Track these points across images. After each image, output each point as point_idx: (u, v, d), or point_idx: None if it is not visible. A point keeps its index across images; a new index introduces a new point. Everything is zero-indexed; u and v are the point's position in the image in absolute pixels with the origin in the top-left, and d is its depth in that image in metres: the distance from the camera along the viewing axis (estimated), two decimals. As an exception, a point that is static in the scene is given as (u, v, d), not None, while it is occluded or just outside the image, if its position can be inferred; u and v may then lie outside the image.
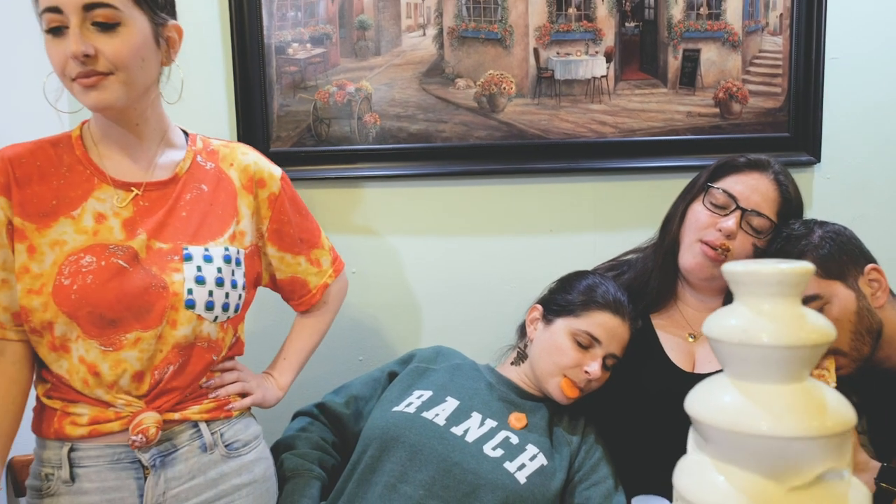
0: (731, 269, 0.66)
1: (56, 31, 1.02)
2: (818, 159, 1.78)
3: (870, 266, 1.22)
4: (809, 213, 1.77)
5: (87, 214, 1.09)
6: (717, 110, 1.77)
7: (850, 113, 1.78)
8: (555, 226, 1.81)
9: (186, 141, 1.22)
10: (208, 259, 1.12)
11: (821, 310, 1.19)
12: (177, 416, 1.12)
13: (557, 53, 1.76)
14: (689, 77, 1.77)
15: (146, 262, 1.09)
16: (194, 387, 1.14)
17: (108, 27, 1.02)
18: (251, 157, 1.25)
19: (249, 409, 1.25)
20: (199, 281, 1.10)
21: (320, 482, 1.30)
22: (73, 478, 1.08)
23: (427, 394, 1.35)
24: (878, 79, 1.77)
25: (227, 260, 1.14)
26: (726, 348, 0.65)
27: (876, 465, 1.15)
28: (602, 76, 1.76)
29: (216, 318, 1.13)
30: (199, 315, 1.10)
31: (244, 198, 1.21)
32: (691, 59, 1.77)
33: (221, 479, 1.15)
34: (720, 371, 0.69)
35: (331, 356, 1.75)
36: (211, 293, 1.11)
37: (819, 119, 1.77)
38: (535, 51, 1.75)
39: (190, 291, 1.09)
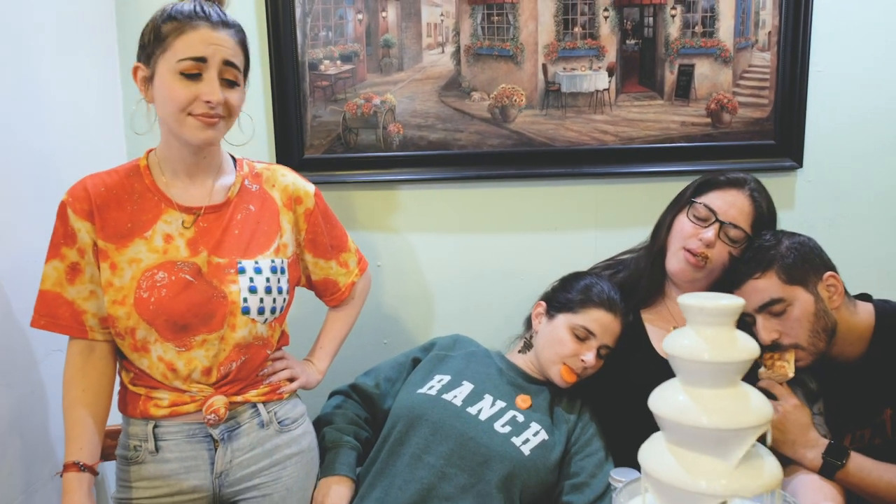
0: (684, 301, 0.86)
1: (192, 77, 1.21)
2: (801, 164, 1.93)
3: (828, 273, 1.40)
4: (793, 214, 1.96)
5: (157, 235, 1.28)
6: (708, 120, 1.93)
7: (831, 122, 1.92)
8: (559, 225, 1.98)
9: (234, 166, 1.41)
10: (258, 271, 1.32)
11: (784, 311, 1.38)
12: (240, 399, 1.34)
13: (564, 69, 1.92)
14: (683, 90, 1.92)
15: (208, 275, 1.29)
16: (253, 376, 1.36)
17: (232, 84, 1.25)
18: (289, 178, 1.44)
19: (296, 391, 1.48)
20: (252, 290, 1.30)
21: (356, 452, 1.52)
22: (157, 449, 1.30)
23: (446, 378, 1.56)
24: (858, 90, 1.91)
25: (274, 270, 1.34)
26: (678, 362, 0.85)
27: (824, 441, 1.35)
28: (604, 89, 1.92)
29: (266, 319, 1.33)
30: (253, 319, 1.31)
31: (285, 214, 1.41)
32: (686, 74, 1.92)
33: (275, 450, 1.38)
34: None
35: (359, 340, 1.93)
36: (262, 300, 1.31)
37: (802, 128, 1.91)
38: (544, 66, 1.92)
39: (245, 300, 1.30)
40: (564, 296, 1.58)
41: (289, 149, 1.94)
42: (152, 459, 1.31)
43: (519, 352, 1.67)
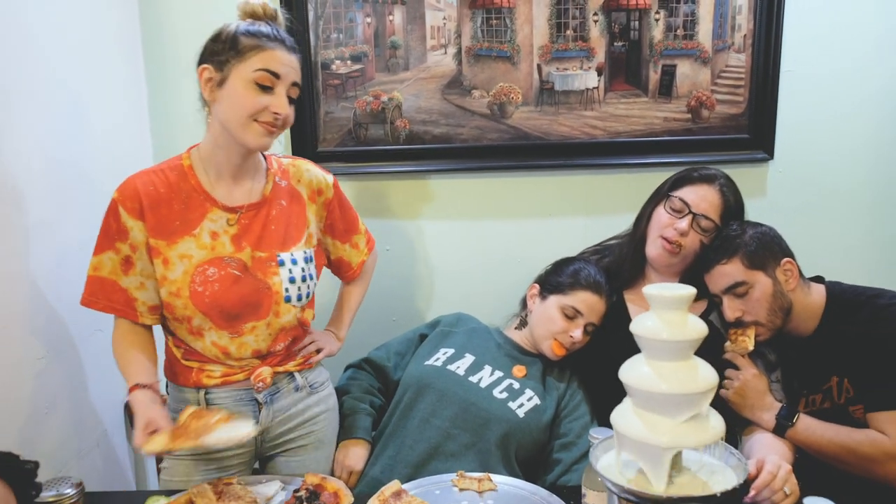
0: (647, 291, 1.05)
1: (264, 88, 1.35)
2: (772, 156, 2.11)
3: (785, 259, 1.59)
4: (765, 201, 2.14)
5: (204, 233, 1.43)
6: (689, 116, 2.10)
7: (799, 118, 2.09)
8: (552, 213, 2.16)
9: (265, 162, 1.56)
10: (294, 262, 1.50)
11: (746, 292, 1.57)
12: (280, 369, 1.54)
13: (557, 68, 2.08)
14: (666, 88, 2.09)
15: (252, 269, 1.46)
16: (291, 350, 1.56)
17: (293, 101, 1.41)
18: (312, 173, 1.60)
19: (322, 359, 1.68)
20: (291, 280, 1.49)
21: (371, 418, 1.73)
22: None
23: (451, 351, 1.76)
24: (824, 89, 2.08)
25: (306, 260, 1.53)
26: (642, 340, 1.05)
27: (778, 405, 1.55)
28: (594, 87, 2.09)
29: (302, 304, 1.52)
30: (294, 305, 1.49)
31: (310, 207, 1.58)
32: (669, 73, 2.08)
33: (307, 409, 1.59)
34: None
35: (370, 318, 2.12)
36: (299, 288, 1.50)
37: (773, 123, 2.08)
38: (539, 66, 2.08)
39: (287, 290, 1.48)
40: (556, 279, 1.78)
41: (303, 142, 2.11)
42: None
43: (515, 328, 1.87)
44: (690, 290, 1.04)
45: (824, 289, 1.63)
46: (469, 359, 1.75)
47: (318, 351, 1.63)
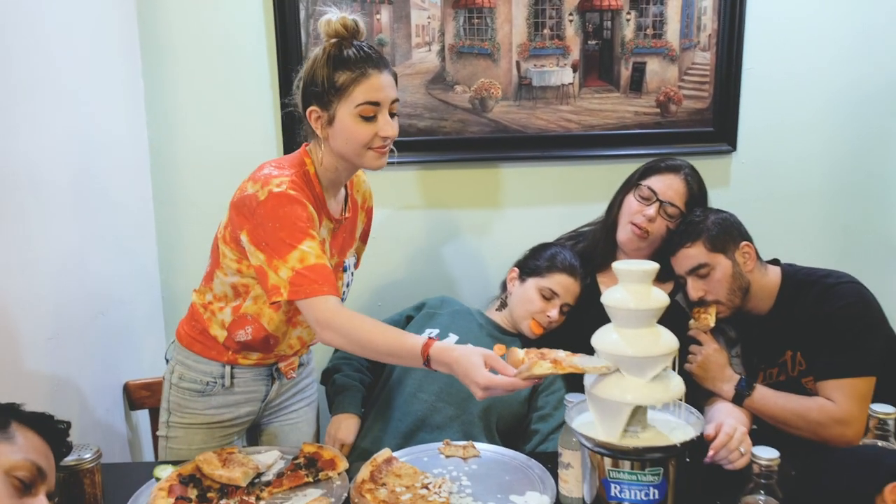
0: (616, 266, 1.18)
1: (368, 119, 1.42)
2: (735, 148, 2.25)
3: (744, 243, 1.72)
4: (728, 190, 2.28)
5: (319, 237, 1.49)
6: (658, 110, 2.23)
7: (760, 112, 2.24)
8: (531, 201, 2.28)
9: None
10: (346, 268, 1.65)
11: (708, 273, 1.71)
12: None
13: (534, 65, 2.20)
14: (637, 84, 2.22)
15: (334, 270, 1.56)
16: None
17: (394, 115, 1.48)
18: (365, 183, 1.75)
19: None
20: (348, 284, 1.66)
21: (361, 393, 1.83)
22: (232, 384, 1.61)
23: (435, 331, 1.88)
24: (783, 86, 2.23)
25: (353, 264, 1.69)
26: (611, 310, 1.17)
27: (736, 376, 1.69)
28: (569, 83, 2.21)
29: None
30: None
31: (360, 215, 1.72)
32: (639, 70, 2.22)
33: (301, 381, 1.76)
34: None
35: (358, 302, 2.24)
36: (347, 287, 1.66)
37: (736, 117, 2.23)
38: (517, 63, 2.20)
39: (344, 292, 1.64)
40: (534, 263, 1.90)
41: (293, 133, 2.20)
42: (223, 392, 1.62)
43: (496, 310, 1.99)
44: (654, 265, 1.17)
45: (780, 270, 1.77)
46: (453, 338, 1.86)
47: None
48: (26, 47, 1.55)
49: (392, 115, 1.47)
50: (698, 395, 1.72)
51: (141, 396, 1.95)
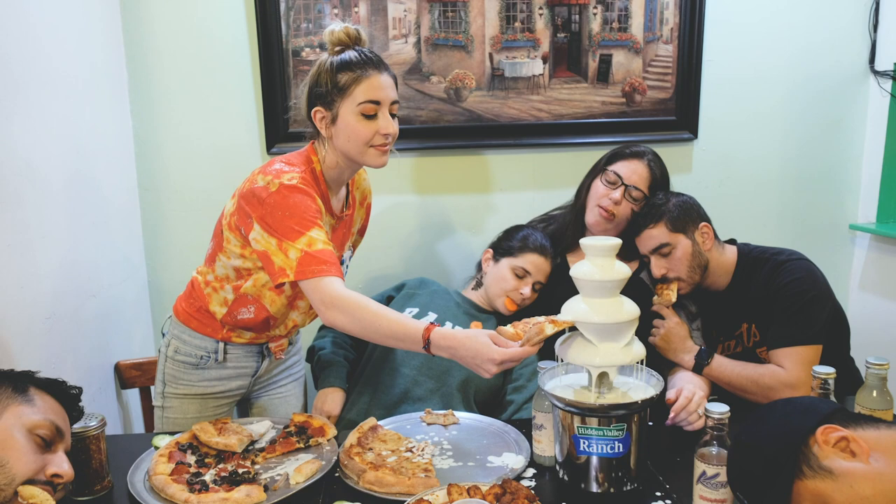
0: (583, 242, 1.29)
1: (369, 117, 1.51)
2: (696, 136, 2.38)
3: (703, 223, 1.85)
4: (691, 176, 2.42)
5: (326, 227, 1.57)
6: (623, 100, 2.35)
7: (719, 102, 2.37)
8: (504, 187, 2.39)
9: None
10: (343, 261, 1.73)
11: (670, 252, 1.83)
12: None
13: (506, 57, 2.30)
14: (603, 75, 2.34)
15: None
16: None
17: (394, 116, 1.55)
18: (367, 182, 1.83)
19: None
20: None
21: (346, 369, 1.93)
22: (224, 360, 1.69)
23: (415, 310, 1.98)
24: (741, 77, 2.37)
25: (349, 258, 1.77)
26: (579, 282, 1.29)
27: (696, 347, 1.82)
28: (539, 74, 2.32)
29: None
30: None
31: (359, 211, 1.81)
32: (606, 62, 2.33)
33: (290, 358, 1.87)
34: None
35: (339, 284, 2.34)
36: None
37: (697, 106, 2.36)
38: (490, 55, 2.30)
39: None
40: (507, 244, 2.01)
41: (275, 124, 2.28)
42: (216, 366, 1.71)
43: (472, 289, 2.10)
44: (617, 241, 1.28)
45: (736, 249, 1.91)
46: (432, 316, 1.97)
47: None
48: (18, 41, 1.61)
49: (393, 115, 1.55)
50: (661, 366, 1.84)
51: (132, 376, 2.02)
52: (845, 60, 2.40)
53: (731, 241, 1.95)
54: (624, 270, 1.28)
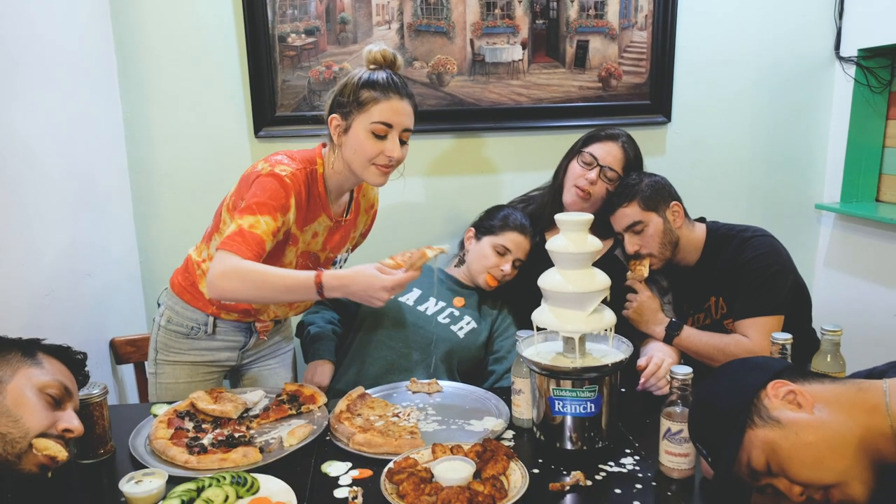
0: (557, 217, 1.38)
1: (379, 136, 1.58)
2: (670, 119, 2.48)
3: (674, 202, 1.94)
4: (664, 158, 2.51)
5: (310, 232, 1.67)
6: (600, 85, 2.44)
7: (692, 86, 2.46)
8: (485, 169, 2.47)
9: None
10: (335, 262, 1.81)
11: (642, 230, 1.93)
12: None
13: (487, 43, 2.37)
14: (581, 61, 2.42)
15: (322, 263, 1.76)
16: None
17: (404, 143, 1.63)
18: (376, 192, 1.91)
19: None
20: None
21: (334, 342, 2.01)
22: (213, 332, 1.77)
23: (400, 286, 2.06)
24: (712, 63, 2.46)
25: (344, 260, 1.84)
26: (554, 255, 1.38)
27: (667, 319, 1.92)
28: (519, 60, 2.40)
29: None
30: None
31: (362, 217, 1.89)
32: (583, 48, 2.41)
33: (280, 332, 1.93)
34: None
35: (326, 264, 2.41)
36: None
37: (670, 91, 2.45)
38: (471, 41, 2.37)
39: None
40: (489, 222, 2.09)
41: (263, 108, 2.34)
42: (205, 337, 1.78)
43: (455, 266, 2.19)
44: (589, 216, 1.37)
45: (705, 227, 2.01)
46: (416, 292, 2.06)
47: None
48: (14, 25, 1.66)
49: (403, 142, 1.63)
50: (634, 338, 1.94)
51: (127, 352, 2.09)
52: (812, 47, 2.50)
53: (701, 220, 2.05)
54: (595, 244, 1.37)
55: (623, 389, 1.69)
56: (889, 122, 2.48)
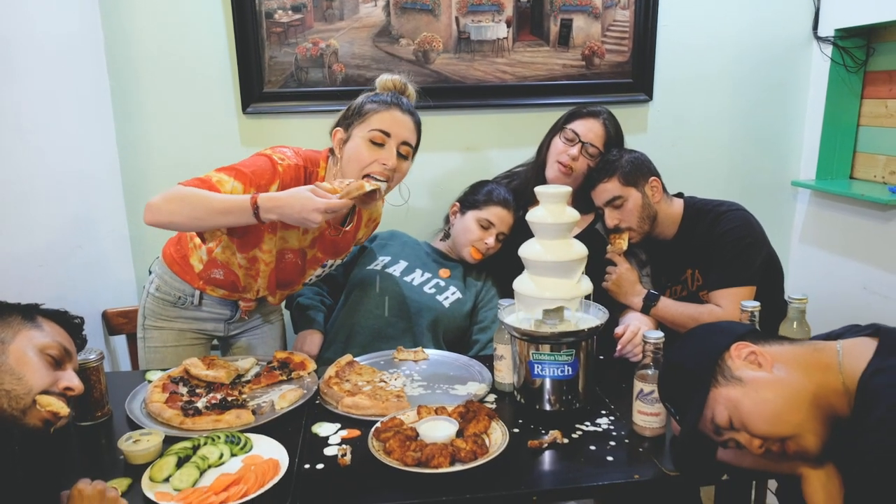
0: (537, 189, 1.44)
1: (376, 144, 1.61)
2: (652, 98, 2.53)
3: (652, 178, 2.00)
4: (646, 136, 2.57)
5: (300, 229, 1.69)
6: (583, 63, 2.48)
7: (674, 65, 2.52)
8: (470, 145, 2.52)
9: None
10: (325, 265, 1.86)
11: (622, 205, 1.99)
12: None
13: (472, 20, 2.40)
14: (564, 39, 2.46)
15: (310, 261, 1.81)
16: None
17: (404, 157, 1.65)
18: (379, 206, 1.94)
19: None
20: (318, 276, 1.91)
21: (323, 313, 2.07)
22: (200, 303, 1.82)
23: (387, 258, 2.12)
24: (694, 41, 2.51)
25: (333, 266, 1.90)
26: (534, 225, 1.44)
27: (644, 291, 1.99)
28: (504, 38, 2.43)
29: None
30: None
31: (363, 230, 1.94)
32: (566, 26, 2.45)
33: (263, 308, 1.96)
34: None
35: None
36: (316, 276, 1.92)
37: (652, 70, 2.50)
38: (457, 18, 2.40)
39: (312, 280, 1.89)
40: (473, 197, 2.15)
41: (250, 84, 2.36)
42: (192, 307, 1.83)
43: (440, 240, 2.25)
44: (567, 189, 1.43)
45: (682, 202, 2.07)
46: (403, 264, 2.11)
47: None
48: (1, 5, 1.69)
49: (402, 156, 1.66)
50: (613, 308, 2.01)
51: (119, 323, 2.14)
52: (791, 27, 2.56)
53: (679, 195, 2.11)
54: (573, 215, 1.43)
55: (601, 357, 1.76)
56: (864, 101, 2.54)
